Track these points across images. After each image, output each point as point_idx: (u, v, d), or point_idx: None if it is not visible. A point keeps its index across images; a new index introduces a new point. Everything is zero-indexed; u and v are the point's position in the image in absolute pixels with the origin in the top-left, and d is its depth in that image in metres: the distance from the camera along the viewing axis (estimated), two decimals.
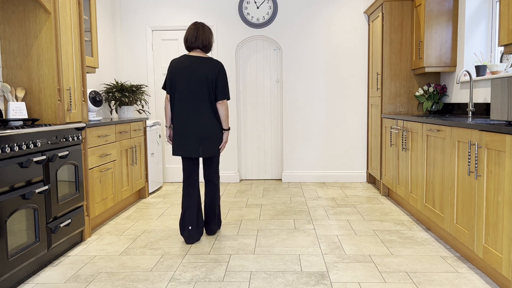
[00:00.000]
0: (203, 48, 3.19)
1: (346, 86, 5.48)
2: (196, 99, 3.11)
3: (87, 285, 2.51)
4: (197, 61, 3.14)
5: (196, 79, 3.11)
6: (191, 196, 3.24)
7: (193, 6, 5.49)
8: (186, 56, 3.18)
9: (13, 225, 2.40)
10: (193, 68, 3.12)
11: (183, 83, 3.12)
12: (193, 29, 3.18)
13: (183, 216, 3.23)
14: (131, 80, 5.59)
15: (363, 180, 5.52)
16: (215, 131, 3.17)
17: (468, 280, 2.49)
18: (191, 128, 3.13)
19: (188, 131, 3.13)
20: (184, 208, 3.24)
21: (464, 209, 2.72)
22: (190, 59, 3.15)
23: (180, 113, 3.14)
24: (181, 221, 3.24)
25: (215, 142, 3.19)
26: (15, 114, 2.90)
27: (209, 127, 3.14)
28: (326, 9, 5.42)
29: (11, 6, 3.09)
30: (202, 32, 3.16)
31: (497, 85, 2.45)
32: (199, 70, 3.11)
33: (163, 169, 5.67)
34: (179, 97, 3.13)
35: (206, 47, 3.20)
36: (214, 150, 3.20)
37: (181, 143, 3.16)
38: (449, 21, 4.21)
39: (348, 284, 2.46)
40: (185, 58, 3.16)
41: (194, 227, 3.21)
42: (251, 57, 5.57)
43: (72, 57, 3.33)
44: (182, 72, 3.12)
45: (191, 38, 3.16)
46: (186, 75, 3.11)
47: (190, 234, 3.20)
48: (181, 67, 3.13)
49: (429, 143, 3.32)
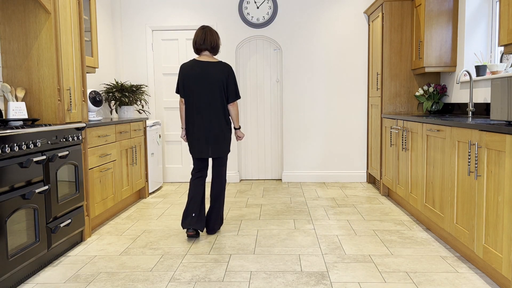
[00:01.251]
0: (211, 50, 3.32)
1: (346, 86, 5.48)
2: (206, 102, 3.26)
3: (87, 285, 2.51)
4: (207, 65, 3.27)
5: (206, 83, 3.25)
6: (197, 188, 3.38)
7: (193, 6, 5.49)
8: (195, 60, 3.30)
9: (13, 225, 2.40)
10: (203, 73, 3.25)
11: (194, 87, 3.26)
12: (201, 32, 3.31)
13: (188, 204, 3.34)
14: (131, 80, 5.59)
15: (363, 180, 5.52)
16: (224, 133, 3.32)
17: (468, 280, 2.49)
18: (201, 131, 3.28)
19: (199, 133, 3.29)
20: (190, 197, 3.36)
21: (464, 209, 2.73)
22: (200, 64, 3.28)
23: (192, 116, 3.30)
24: (185, 211, 3.34)
25: (224, 143, 3.34)
26: (15, 114, 2.90)
27: (219, 130, 3.29)
28: (326, 9, 5.42)
29: (11, 6, 3.09)
30: (210, 34, 3.30)
31: (497, 85, 2.45)
32: (209, 75, 3.25)
33: (163, 169, 5.67)
34: (191, 101, 3.29)
35: (214, 48, 3.33)
36: (223, 151, 3.36)
37: (193, 145, 3.33)
38: (449, 21, 4.21)
39: (348, 284, 2.46)
40: (195, 63, 3.29)
41: (196, 214, 3.31)
42: (251, 57, 5.57)
43: (72, 57, 3.33)
44: (193, 77, 3.26)
45: (200, 40, 3.28)
46: (197, 80, 3.26)
47: (191, 221, 3.29)
48: (192, 72, 3.27)
49: (429, 143, 3.32)
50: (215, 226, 3.42)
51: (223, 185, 3.46)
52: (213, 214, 3.42)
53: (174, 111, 5.64)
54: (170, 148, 5.67)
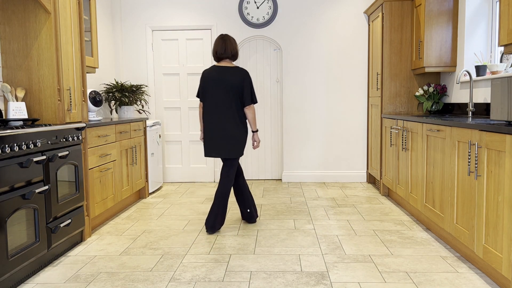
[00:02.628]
0: (232, 57, 3.51)
1: (346, 86, 5.48)
2: (221, 105, 3.43)
3: (87, 285, 2.51)
4: (224, 71, 3.45)
5: (223, 88, 3.42)
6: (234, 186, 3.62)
7: (193, 6, 5.49)
8: (215, 66, 3.49)
9: (13, 225, 2.40)
10: (221, 78, 3.43)
11: (211, 91, 3.45)
12: (221, 41, 3.48)
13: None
14: (131, 80, 5.59)
15: (363, 180, 5.52)
16: (237, 136, 3.45)
17: (468, 280, 2.49)
18: (215, 132, 3.44)
19: (213, 134, 3.45)
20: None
21: (464, 209, 2.73)
22: (219, 69, 3.46)
23: (209, 119, 3.46)
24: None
25: (236, 145, 3.46)
26: (15, 114, 2.90)
27: (232, 132, 3.44)
28: (326, 9, 5.42)
29: (11, 6, 3.09)
30: (229, 43, 3.48)
31: (497, 85, 2.45)
32: (226, 80, 3.43)
33: (163, 169, 5.67)
34: (208, 105, 3.46)
35: (234, 56, 3.52)
36: (234, 153, 3.46)
37: (206, 145, 3.49)
38: (449, 21, 4.21)
39: (348, 284, 2.46)
40: (214, 68, 3.48)
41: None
42: (251, 57, 5.57)
43: (72, 57, 3.33)
44: (211, 82, 3.44)
45: (220, 50, 3.46)
46: (214, 84, 3.44)
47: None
48: (210, 77, 3.45)
49: (429, 143, 3.32)
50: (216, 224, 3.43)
51: (230, 186, 3.50)
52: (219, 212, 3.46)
53: (174, 111, 5.64)
54: (170, 148, 5.67)
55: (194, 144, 5.66)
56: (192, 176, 5.68)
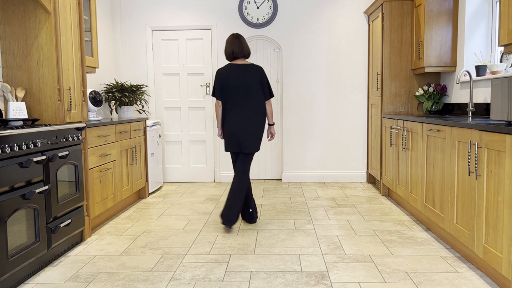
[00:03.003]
0: (246, 55, 3.61)
1: (346, 86, 5.48)
2: (244, 102, 3.53)
3: (87, 285, 2.51)
4: (242, 68, 3.55)
5: (244, 84, 3.52)
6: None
7: (193, 6, 5.49)
8: (232, 65, 3.57)
9: (13, 225, 2.40)
10: (241, 75, 3.53)
11: (233, 89, 3.53)
12: (237, 41, 3.56)
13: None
14: (131, 80, 5.59)
15: (363, 180, 5.52)
16: (260, 131, 3.57)
17: (468, 280, 2.49)
18: (239, 126, 3.52)
19: (235, 129, 3.53)
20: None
21: (464, 209, 2.73)
22: (237, 67, 3.55)
23: (230, 114, 3.55)
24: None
25: (257, 140, 3.56)
26: (15, 114, 2.90)
27: (255, 127, 3.54)
28: (326, 9, 5.42)
29: (11, 6, 3.09)
30: (244, 42, 3.59)
31: (497, 85, 2.45)
32: (246, 77, 3.53)
33: (163, 169, 5.68)
34: (229, 102, 3.54)
35: (249, 54, 3.63)
36: (255, 147, 3.56)
37: (229, 140, 3.57)
38: (449, 21, 4.21)
39: (348, 284, 2.46)
40: (231, 66, 3.56)
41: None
42: (251, 57, 5.56)
43: (72, 57, 3.33)
44: (231, 80, 3.53)
45: (237, 49, 3.55)
46: (235, 82, 3.52)
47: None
48: (230, 75, 3.53)
49: (429, 143, 3.33)
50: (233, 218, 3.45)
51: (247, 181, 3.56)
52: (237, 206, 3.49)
53: (174, 111, 5.64)
54: (170, 148, 5.67)
55: (194, 144, 5.66)
56: (192, 176, 5.68)
